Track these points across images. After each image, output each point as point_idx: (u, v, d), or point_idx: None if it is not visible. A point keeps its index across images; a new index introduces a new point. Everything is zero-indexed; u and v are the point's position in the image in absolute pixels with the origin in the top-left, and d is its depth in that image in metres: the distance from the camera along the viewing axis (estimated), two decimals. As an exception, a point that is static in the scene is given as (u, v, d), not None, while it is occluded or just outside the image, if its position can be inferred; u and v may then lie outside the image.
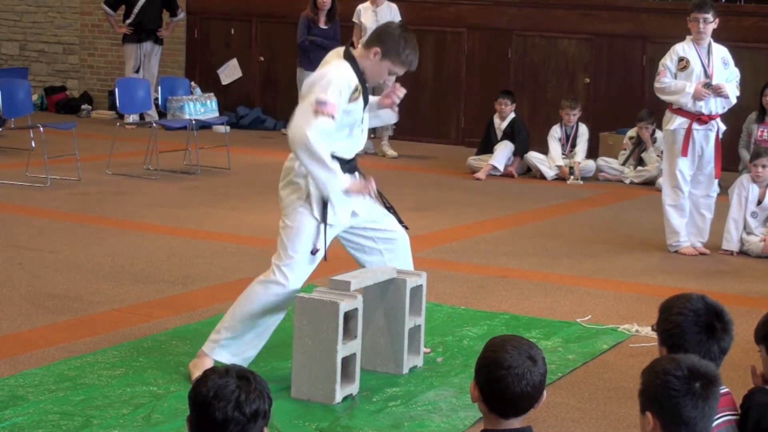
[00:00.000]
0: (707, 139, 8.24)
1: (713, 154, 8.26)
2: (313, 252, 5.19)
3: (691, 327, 3.35)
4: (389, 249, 5.51)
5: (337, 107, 5.03)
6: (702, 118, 8.17)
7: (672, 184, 8.32)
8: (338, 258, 5.68)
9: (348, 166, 5.28)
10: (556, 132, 11.90)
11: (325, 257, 5.25)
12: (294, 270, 5.18)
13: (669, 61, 8.24)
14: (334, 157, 5.14)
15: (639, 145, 11.75)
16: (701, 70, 8.16)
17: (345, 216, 5.28)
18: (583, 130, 11.91)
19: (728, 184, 8.98)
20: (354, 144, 5.31)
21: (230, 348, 5.22)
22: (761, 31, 12.46)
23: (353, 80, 5.13)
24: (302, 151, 5.00)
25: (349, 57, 5.21)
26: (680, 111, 8.21)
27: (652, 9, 13.03)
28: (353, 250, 5.54)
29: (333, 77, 5.07)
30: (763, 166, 8.33)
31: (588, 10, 13.20)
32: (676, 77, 8.19)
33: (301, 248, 5.18)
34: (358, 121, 5.25)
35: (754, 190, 8.37)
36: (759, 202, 8.38)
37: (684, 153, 8.20)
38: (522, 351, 2.99)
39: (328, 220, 5.19)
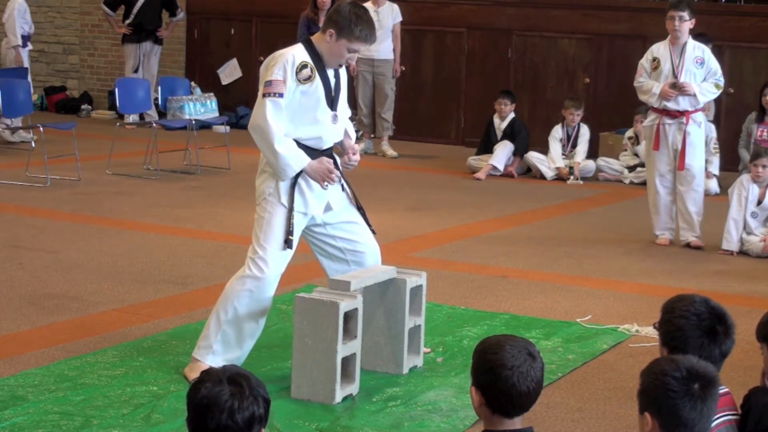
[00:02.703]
0: (681, 134, 8.44)
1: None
2: (287, 241, 5.17)
3: (693, 331, 3.35)
4: (356, 261, 5.45)
5: (284, 83, 5.08)
6: (671, 113, 8.42)
7: (650, 176, 8.71)
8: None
9: (324, 155, 5.26)
10: (557, 132, 11.90)
11: (290, 245, 5.17)
12: (267, 261, 5.15)
13: (645, 60, 8.60)
14: (303, 146, 5.16)
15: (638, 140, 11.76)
16: (669, 69, 8.42)
17: (317, 205, 5.25)
18: (585, 131, 11.91)
19: (728, 184, 8.98)
20: (325, 131, 5.25)
21: (222, 351, 5.20)
22: (761, 31, 12.46)
23: (300, 57, 5.14)
24: (254, 133, 5.18)
25: (305, 41, 5.27)
26: (653, 108, 8.56)
27: (652, 9, 13.01)
28: (320, 255, 5.49)
29: (276, 57, 5.15)
30: (764, 166, 8.35)
31: (588, 10, 13.20)
32: (650, 76, 8.51)
33: (273, 238, 5.15)
34: (322, 104, 5.19)
35: (754, 190, 8.38)
36: (759, 202, 8.39)
37: (655, 147, 8.53)
38: (521, 349, 3.01)
39: (296, 207, 5.18)
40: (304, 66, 5.13)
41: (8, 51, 13.04)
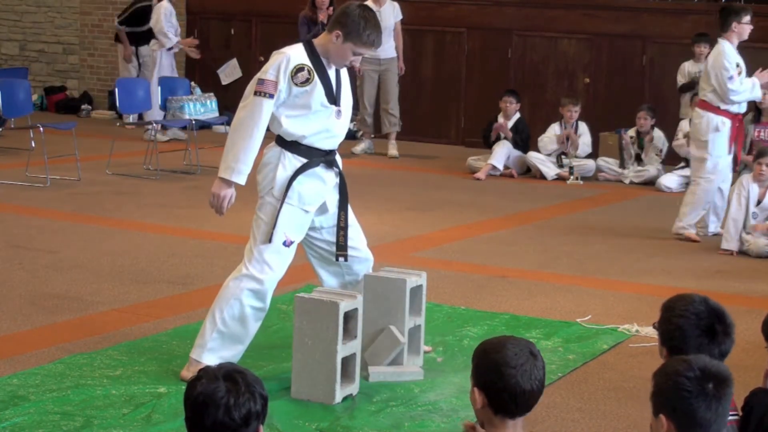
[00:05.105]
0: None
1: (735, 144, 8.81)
2: (287, 243, 5.16)
3: (693, 330, 3.35)
4: (348, 266, 5.43)
5: (275, 85, 5.05)
6: (737, 116, 8.65)
7: (714, 178, 8.64)
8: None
9: (325, 159, 5.24)
10: (555, 128, 11.93)
11: (287, 244, 5.18)
12: (268, 262, 5.14)
13: (729, 64, 8.54)
14: (308, 147, 5.14)
15: (639, 139, 11.76)
16: (746, 74, 8.67)
17: (313, 202, 5.21)
18: (584, 128, 11.93)
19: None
20: (329, 126, 5.21)
21: (217, 348, 5.17)
22: (761, 31, 12.45)
23: (297, 59, 5.10)
24: (237, 124, 5.13)
25: (306, 42, 5.24)
26: (725, 113, 8.53)
27: (652, 9, 13.03)
28: (313, 259, 5.47)
29: (275, 57, 5.13)
30: (767, 165, 8.37)
31: (588, 10, 13.19)
32: None
33: (274, 239, 5.14)
34: (324, 101, 5.15)
35: (754, 190, 8.39)
36: (759, 202, 8.39)
37: (730, 151, 8.65)
38: (523, 348, 3.03)
39: (293, 202, 5.14)
40: (300, 69, 5.09)
41: (154, 53, 13.29)
